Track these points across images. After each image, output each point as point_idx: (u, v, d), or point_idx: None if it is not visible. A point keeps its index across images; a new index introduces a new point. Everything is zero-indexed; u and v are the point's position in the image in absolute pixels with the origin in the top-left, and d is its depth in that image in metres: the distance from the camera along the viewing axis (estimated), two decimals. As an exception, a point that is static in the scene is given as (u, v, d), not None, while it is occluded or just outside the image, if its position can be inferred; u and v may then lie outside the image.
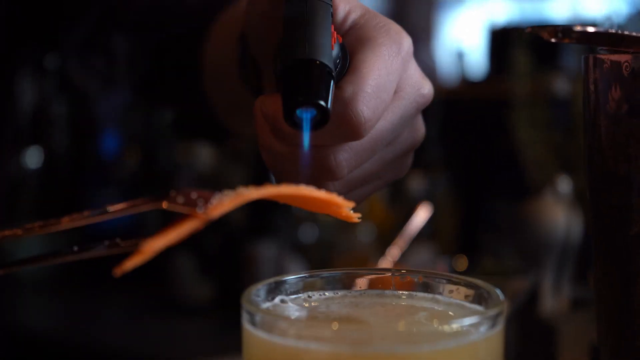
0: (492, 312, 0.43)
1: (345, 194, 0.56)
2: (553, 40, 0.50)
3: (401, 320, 0.46)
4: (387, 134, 0.57)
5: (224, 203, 0.43)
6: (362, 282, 0.51)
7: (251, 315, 0.44)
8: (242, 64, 0.70)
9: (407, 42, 0.58)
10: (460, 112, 2.04)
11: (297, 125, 0.51)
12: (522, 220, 1.40)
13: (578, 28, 0.50)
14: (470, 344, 0.41)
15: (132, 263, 0.42)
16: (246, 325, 0.44)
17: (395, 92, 0.57)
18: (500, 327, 0.43)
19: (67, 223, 0.46)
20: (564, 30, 0.50)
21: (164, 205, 0.43)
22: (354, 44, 0.57)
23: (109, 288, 1.99)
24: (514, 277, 1.32)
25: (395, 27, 0.58)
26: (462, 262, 1.27)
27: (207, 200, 0.43)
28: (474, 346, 0.41)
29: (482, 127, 1.97)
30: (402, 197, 1.98)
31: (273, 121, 0.55)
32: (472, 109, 2.05)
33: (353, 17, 0.58)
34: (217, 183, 2.12)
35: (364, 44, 0.56)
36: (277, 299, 0.48)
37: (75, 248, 0.48)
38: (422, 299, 0.50)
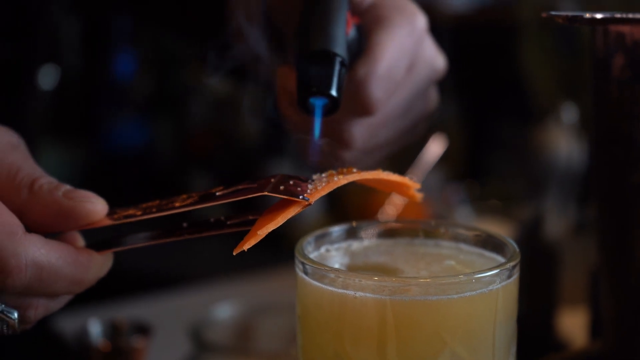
0: (510, 264, 0.50)
1: (361, 159, 0.63)
2: (567, 24, 0.56)
3: (430, 268, 0.54)
4: (400, 108, 0.62)
5: (319, 190, 0.50)
6: (394, 232, 0.58)
7: (304, 266, 0.52)
8: (264, 22, 0.72)
9: (420, 20, 0.62)
10: (468, 38, 2.08)
11: (309, 112, 0.57)
12: (527, 146, 1.47)
13: (587, 15, 0.56)
14: (492, 291, 0.49)
15: (249, 244, 0.49)
16: (300, 274, 0.52)
17: (409, 68, 0.61)
18: (516, 276, 0.51)
19: (179, 206, 0.52)
20: (575, 17, 0.56)
21: (266, 193, 0.50)
22: (370, 23, 0.61)
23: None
24: (520, 202, 1.39)
25: (410, 7, 0.62)
26: (473, 188, 1.34)
27: (304, 187, 0.50)
28: (495, 293, 0.49)
29: (490, 53, 2.01)
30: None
31: (292, 95, 0.61)
32: (481, 35, 2.08)
33: None
34: (230, 106, 2.17)
35: (379, 24, 0.60)
36: (322, 249, 0.56)
37: (185, 225, 0.55)
38: (447, 248, 0.57)
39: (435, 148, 1.23)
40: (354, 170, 0.53)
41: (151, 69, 2.39)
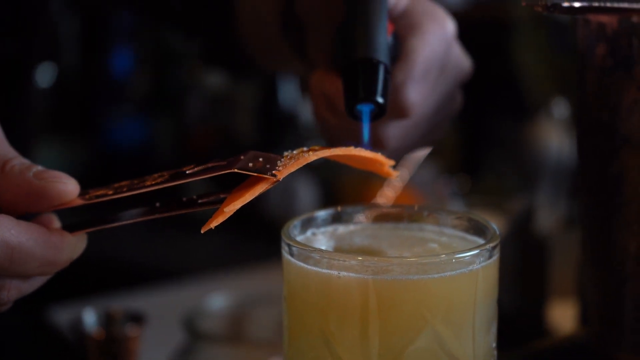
0: (490, 245, 0.52)
1: (391, 157, 0.65)
2: (545, 13, 0.58)
3: (413, 250, 0.55)
4: (431, 110, 0.65)
5: (289, 166, 0.51)
6: (379, 217, 0.60)
7: (290, 247, 0.53)
8: (286, 21, 0.75)
9: (450, 26, 0.65)
10: (462, 34, 2.09)
11: (357, 118, 0.59)
12: (518, 141, 1.49)
13: (566, 4, 0.57)
14: (472, 272, 0.50)
15: (216, 222, 0.50)
16: (286, 255, 0.53)
17: (440, 72, 0.64)
18: (495, 257, 0.52)
19: (150, 185, 0.53)
20: (554, 5, 0.58)
21: (236, 170, 0.51)
22: (403, 30, 0.63)
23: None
24: (512, 196, 1.41)
25: (440, 13, 0.65)
26: (466, 182, 1.35)
27: (272, 164, 0.51)
28: (475, 274, 0.51)
29: (484, 49, 2.02)
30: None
31: (331, 100, 0.63)
32: (475, 31, 2.09)
33: (404, 3, 0.65)
34: (227, 103, 2.19)
35: (413, 30, 0.63)
36: (309, 232, 0.57)
37: (157, 204, 0.55)
38: (430, 231, 0.59)
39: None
40: (318, 147, 0.54)
41: (149, 66, 2.40)
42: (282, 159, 0.52)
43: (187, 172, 0.53)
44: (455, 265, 0.50)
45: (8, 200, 0.53)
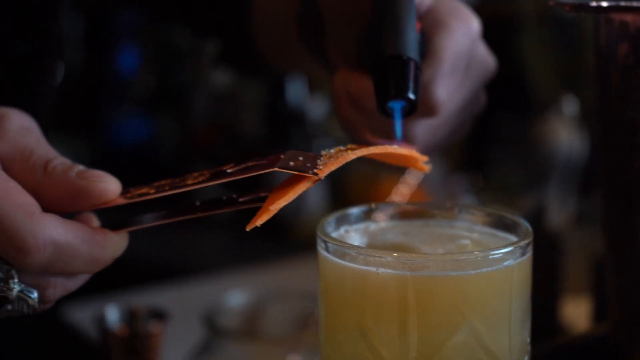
0: (524, 242, 0.53)
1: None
2: (573, 12, 0.59)
3: (446, 247, 0.56)
4: (457, 109, 0.66)
5: (329, 165, 0.52)
6: (410, 214, 0.61)
7: (326, 244, 0.54)
8: (303, 22, 0.76)
9: (475, 24, 0.66)
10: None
11: (388, 115, 0.60)
12: (528, 139, 1.50)
13: (593, 3, 0.58)
14: (507, 268, 0.51)
15: (261, 220, 0.50)
16: (322, 252, 0.54)
17: (466, 70, 0.65)
18: (529, 254, 0.53)
19: (192, 183, 0.54)
20: (581, 5, 0.59)
21: (277, 169, 0.52)
22: (430, 27, 0.64)
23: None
24: (522, 194, 1.42)
25: (465, 10, 0.66)
26: (477, 179, 1.36)
27: (313, 163, 0.52)
28: (510, 270, 0.52)
29: (490, 46, 2.03)
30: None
31: (356, 97, 0.64)
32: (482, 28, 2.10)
33: (428, 2, 0.65)
34: (233, 101, 2.19)
35: (439, 28, 0.64)
36: (342, 229, 0.58)
37: (198, 203, 0.56)
38: (460, 228, 0.60)
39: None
40: (355, 146, 0.55)
41: (154, 65, 2.40)
42: (322, 158, 0.53)
43: (228, 170, 0.54)
44: (492, 262, 0.51)
45: (51, 199, 0.54)
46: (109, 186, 0.54)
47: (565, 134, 1.47)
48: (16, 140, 0.55)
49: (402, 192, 1.17)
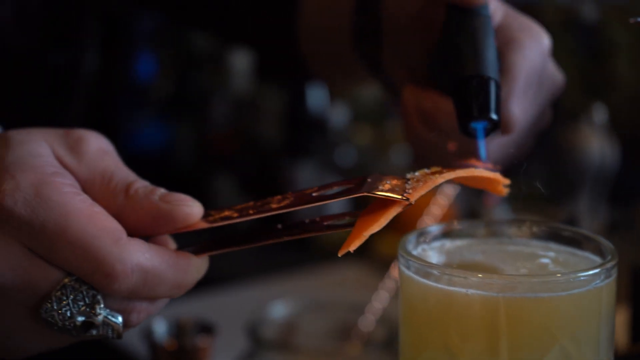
0: (612, 262, 0.53)
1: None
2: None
3: (527, 266, 0.56)
4: (528, 125, 0.65)
5: (418, 189, 0.51)
6: (484, 232, 0.61)
7: (408, 263, 0.54)
8: (359, 35, 0.76)
9: (546, 40, 0.65)
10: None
11: (470, 135, 0.60)
12: (559, 147, 1.49)
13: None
14: (597, 288, 0.51)
15: (354, 246, 0.50)
16: (405, 271, 0.54)
17: (538, 86, 0.65)
18: (615, 274, 0.53)
19: (276, 208, 0.53)
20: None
21: (368, 193, 0.51)
22: (501, 45, 0.64)
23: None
24: (554, 203, 1.42)
25: (535, 27, 0.66)
26: (513, 188, 1.36)
27: (401, 187, 0.52)
28: (599, 290, 0.51)
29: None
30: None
31: (429, 116, 0.64)
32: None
33: (498, 19, 0.66)
34: (253, 107, 2.19)
35: (511, 46, 0.63)
36: (419, 248, 0.58)
37: (280, 226, 0.56)
38: (536, 247, 0.59)
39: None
40: (440, 169, 0.54)
41: (173, 70, 2.40)
42: (410, 182, 0.53)
43: (314, 194, 0.53)
44: (582, 283, 0.51)
45: (133, 223, 0.53)
46: (193, 210, 0.54)
47: (595, 142, 1.47)
48: (95, 163, 0.55)
49: (434, 212, 1.17)
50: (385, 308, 1.07)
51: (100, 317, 0.52)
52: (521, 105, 0.63)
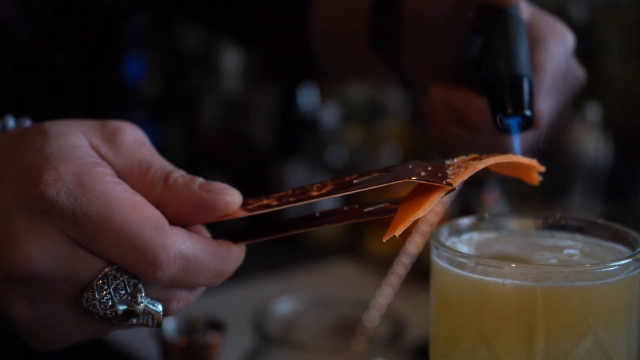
0: (640, 254, 0.54)
1: None
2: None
3: (555, 256, 0.57)
4: (552, 120, 0.66)
5: (460, 174, 0.52)
6: (509, 225, 0.61)
7: (442, 253, 0.55)
8: (379, 34, 0.77)
9: (570, 39, 0.67)
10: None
11: (504, 131, 0.61)
12: (555, 145, 1.51)
13: None
14: (630, 277, 0.52)
15: (399, 230, 0.50)
16: (440, 262, 0.55)
17: (563, 84, 0.66)
18: (645, 265, 0.54)
19: (316, 195, 0.53)
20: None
21: (411, 179, 0.51)
22: (529, 44, 0.65)
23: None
24: (550, 199, 1.43)
25: (560, 26, 0.67)
26: (510, 185, 1.37)
27: (444, 173, 0.52)
28: (632, 279, 0.53)
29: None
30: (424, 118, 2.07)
31: (459, 113, 0.64)
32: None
33: (525, 18, 0.66)
34: (244, 107, 2.19)
35: (538, 44, 0.65)
36: (449, 241, 0.59)
37: (317, 214, 0.56)
38: (561, 238, 0.60)
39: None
40: (478, 155, 0.55)
41: (162, 71, 2.40)
42: (450, 168, 0.53)
43: (354, 181, 0.53)
44: (616, 272, 0.52)
45: (173, 212, 0.53)
46: (234, 198, 0.54)
47: (589, 139, 1.49)
48: (132, 153, 0.55)
49: (436, 210, 1.18)
50: (389, 304, 1.08)
51: (141, 306, 0.52)
52: (548, 103, 0.64)
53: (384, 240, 0.51)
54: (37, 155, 0.53)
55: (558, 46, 0.65)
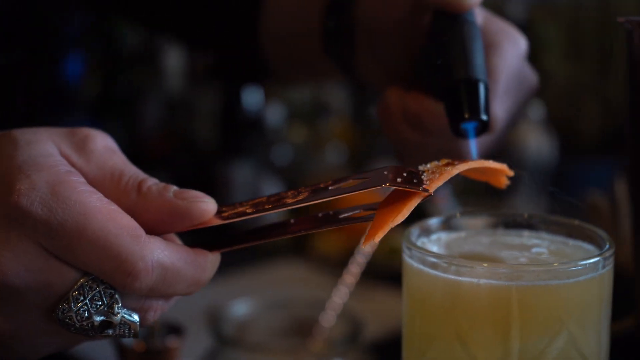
0: (612, 249, 0.55)
1: None
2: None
3: (525, 255, 0.58)
4: (507, 124, 0.67)
5: (435, 180, 0.52)
6: (476, 224, 0.62)
7: (416, 254, 0.55)
8: (332, 37, 0.77)
9: (523, 43, 0.68)
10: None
11: (461, 135, 0.62)
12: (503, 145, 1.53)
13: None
14: (600, 275, 0.53)
15: (378, 237, 0.50)
16: (414, 263, 0.55)
17: (516, 88, 0.67)
18: (612, 262, 0.55)
19: (292, 203, 0.53)
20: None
21: (388, 185, 0.51)
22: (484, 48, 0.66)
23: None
24: (496, 197, 1.45)
25: (513, 31, 0.68)
26: (458, 184, 1.39)
27: (419, 178, 0.53)
28: (602, 277, 0.54)
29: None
30: (368, 117, 2.09)
31: (414, 116, 0.65)
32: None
33: (479, 23, 0.67)
34: (187, 107, 2.18)
35: (492, 49, 0.66)
36: (419, 241, 0.60)
37: (292, 221, 0.56)
38: (527, 237, 0.61)
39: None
40: (450, 161, 0.56)
41: (101, 70, 2.36)
42: (425, 173, 0.53)
43: (330, 188, 0.53)
44: (587, 270, 0.53)
45: (147, 221, 0.52)
46: (209, 206, 0.53)
47: (533, 137, 1.51)
48: (103, 161, 0.54)
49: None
50: (345, 303, 1.08)
51: (118, 317, 0.51)
52: (502, 106, 0.65)
53: (363, 247, 0.51)
54: (8, 164, 0.51)
55: (511, 50, 0.66)
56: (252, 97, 2.03)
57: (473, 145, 0.62)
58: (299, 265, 1.51)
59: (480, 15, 0.68)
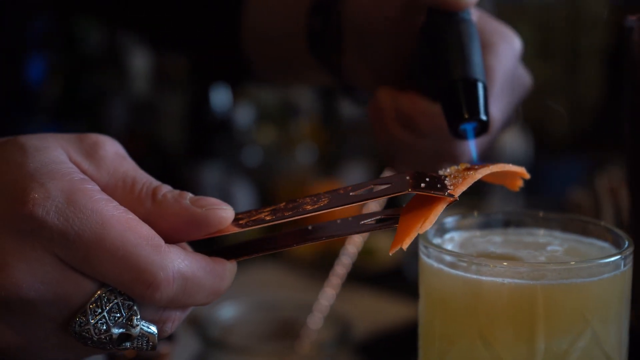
0: (631, 248, 0.55)
1: None
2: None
3: (541, 254, 0.57)
4: (502, 125, 0.67)
5: (459, 185, 0.52)
6: (487, 224, 0.62)
7: (435, 254, 0.55)
8: (318, 39, 0.75)
9: (518, 43, 0.67)
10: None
11: (460, 136, 0.61)
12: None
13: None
14: (622, 272, 0.53)
15: (405, 243, 0.49)
16: (433, 263, 0.55)
17: (511, 88, 0.67)
18: (632, 261, 0.55)
19: (312, 209, 0.51)
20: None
21: (411, 191, 0.50)
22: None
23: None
24: (473, 196, 1.46)
25: (508, 31, 0.67)
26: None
27: (442, 183, 0.52)
28: (624, 275, 0.54)
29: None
30: (337, 118, 2.08)
31: (408, 117, 0.64)
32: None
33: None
34: (153, 109, 2.15)
35: (487, 49, 0.65)
36: (434, 241, 0.59)
37: (310, 227, 0.54)
38: (539, 235, 0.61)
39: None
40: (470, 165, 0.55)
41: (64, 72, 2.33)
42: (447, 178, 0.53)
43: (351, 194, 0.52)
44: (610, 268, 0.53)
45: (162, 229, 0.50)
46: (228, 213, 0.51)
47: (508, 136, 1.52)
48: (115, 168, 0.52)
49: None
50: (332, 305, 1.08)
51: (137, 329, 0.49)
52: (498, 107, 0.65)
53: (390, 254, 0.50)
54: (18, 172, 0.49)
55: (507, 51, 0.65)
56: (220, 99, 2.02)
57: (472, 146, 0.61)
58: (273, 267, 1.49)
59: (474, 15, 0.67)
